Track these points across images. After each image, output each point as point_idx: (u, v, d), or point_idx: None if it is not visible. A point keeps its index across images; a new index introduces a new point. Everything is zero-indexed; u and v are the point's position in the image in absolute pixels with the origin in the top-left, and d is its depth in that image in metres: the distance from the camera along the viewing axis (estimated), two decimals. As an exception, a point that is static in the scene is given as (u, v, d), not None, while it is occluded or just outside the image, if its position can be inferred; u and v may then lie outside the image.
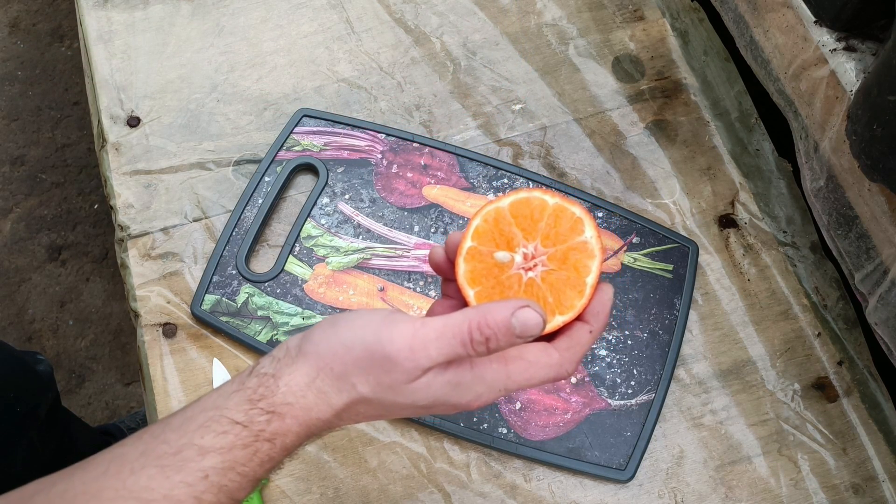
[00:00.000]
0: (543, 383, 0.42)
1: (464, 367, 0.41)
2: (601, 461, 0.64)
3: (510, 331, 0.39)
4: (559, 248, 0.44)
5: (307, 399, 0.40)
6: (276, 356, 0.41)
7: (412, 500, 0.63)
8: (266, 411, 0.39)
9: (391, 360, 0.39)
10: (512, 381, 0.41)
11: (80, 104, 1.51)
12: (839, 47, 0.60)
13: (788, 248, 0.74)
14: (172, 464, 0.38)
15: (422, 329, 0.39)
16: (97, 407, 1.29)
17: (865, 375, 0.69)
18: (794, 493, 0.64)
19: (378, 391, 0.40)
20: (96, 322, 1.35)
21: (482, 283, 0.44)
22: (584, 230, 0.44)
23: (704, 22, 0.83)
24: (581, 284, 0.43)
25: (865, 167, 0.56)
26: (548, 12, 0.83)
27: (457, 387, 0.40)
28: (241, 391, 0.40)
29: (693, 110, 0.79)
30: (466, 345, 0.39)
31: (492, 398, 0.42)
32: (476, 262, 0.44)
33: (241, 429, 0.39)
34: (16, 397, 0.77)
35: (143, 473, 0.38)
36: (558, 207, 0.44)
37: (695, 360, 0.69)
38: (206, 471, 0.38)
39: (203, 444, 0.38)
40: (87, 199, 1.44)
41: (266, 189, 0.72)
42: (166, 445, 0.39)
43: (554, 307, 0.43)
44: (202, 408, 0.40)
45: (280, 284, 0.69)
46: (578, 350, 0.42)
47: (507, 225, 0.44)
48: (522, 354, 0.42)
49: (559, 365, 0.42)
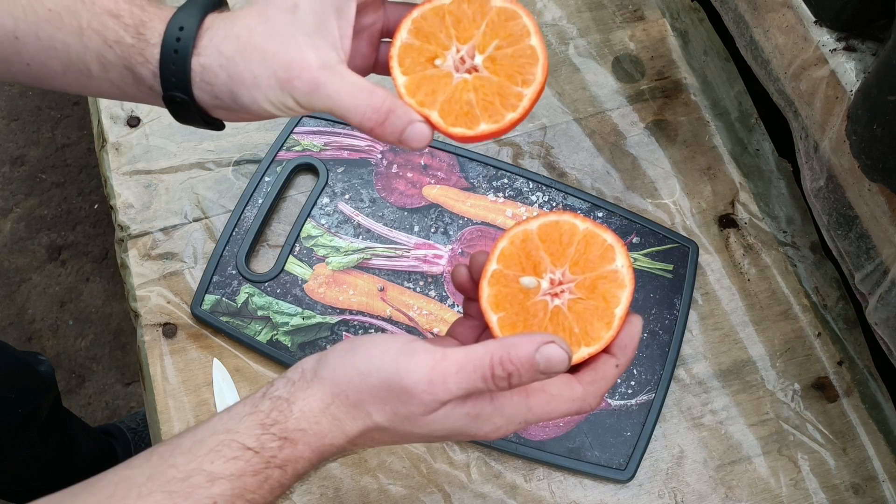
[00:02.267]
0: (565, 416, 0.41)
1: (484, 400, 0.39)
2: (601, 461, 0.64)
3: (534, 367, 0.37)
4: (588, 276, 0.42)
5: (321, 426, 0.39)
6: (290, 378, 0.40)
7: (412, 500, 0.63)
8: (279, 437, 0.38)
9: (409, 393, 0.38)
10: (532, 413, 0.40)
11: (80, 104, 1.51)
12: (839, 47, 0.60)
13: (788, 248, 0.74)
14: (180, 490, 0.37)
15: (442, 362, 0.38)
16: (97, 407, 1.29)
17: (865, 375, 0.69)
18: (794, 493, 0.64)
19: (394, 421, 0.39)
20: (96, 322, 1.35)
21: (506, 308, 0.42)
22: (616, 258, 0.42)
23: (704, 22, 0.83)
24: (609, 316, 0.41)
25: (865, 167, 0.56)
26: (548, 12, 0.83)
27: (475, 419, 0.39)
28: (254, 414, 0.39)
29: (693, 110, 0.79)
30: (487, 380, 0.38)
31: (511, 430, 0.41)
32: (501, 286, 0.42)
33: (253, 454, 0.38)
34: (17, 398, 0.77)
35: (150, 499, 0.37)
36: (589, 233, 0.42)
37: (695, 360, 0.69)
38: (215, 498, 0.37)
39: (213, 471, 0.37)
40: (87, 199, 1.44)
41: (266, 189, 0.72)
42: (174, 470, 0.38)
43: (580, 338, 0.41)
44: (213, 430, 0.39)
45: (280, 284, 0.69)
46: (603, 385, 0.41)
47: (534, 248, 0.43)
48: (545, 387, 0.40)
49: (582, 399, 0.40)
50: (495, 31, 0.43)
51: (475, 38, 0.43)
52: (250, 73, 0.41)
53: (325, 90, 0.40)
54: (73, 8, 0.43)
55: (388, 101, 0.41)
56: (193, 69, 0.42)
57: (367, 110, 0.41)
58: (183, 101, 0.44)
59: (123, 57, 0.43)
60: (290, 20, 0.41)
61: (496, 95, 0.42)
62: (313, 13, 0.41)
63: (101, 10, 0.43)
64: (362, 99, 0.40)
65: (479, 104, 0.42)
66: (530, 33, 0.43)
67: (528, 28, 0.43)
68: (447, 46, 0.43)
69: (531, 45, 0.42)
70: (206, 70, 0.42)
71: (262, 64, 0.41)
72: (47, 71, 0.45)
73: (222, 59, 0.41)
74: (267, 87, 0.41)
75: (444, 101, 0.43)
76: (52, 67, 0.45)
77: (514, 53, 0.43)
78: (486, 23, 0.43)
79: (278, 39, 0.41)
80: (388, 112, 0.41)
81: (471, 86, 0.43)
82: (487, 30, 0.43)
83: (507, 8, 0.43)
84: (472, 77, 0.43)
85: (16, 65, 0.45)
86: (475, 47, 0.43)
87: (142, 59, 0.43)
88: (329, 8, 0.41)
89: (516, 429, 0.40)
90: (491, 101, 0.42)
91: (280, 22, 0.41)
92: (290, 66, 0.40)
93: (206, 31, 0.42)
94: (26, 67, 0.45)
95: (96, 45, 0.43)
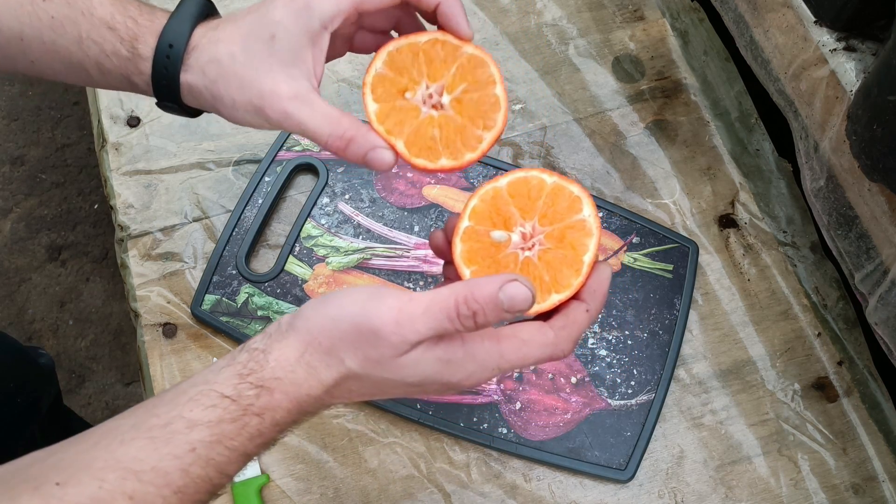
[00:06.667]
0: (538, 363, 0.42)
1: (455, 344, 0.40)
2: (601, 461, 0.64)
3: (497, 305, 0.39)
4: (556, 227, 0.43)
5: (296, 374, 0.40)
6: (267, 332, 0.42)
7: (412, 500, 0.63)
8: (255, 385, 0.40)
9: (377, 334, 0.39)
10: (505, 359, 0.41)
11: (80, 104, 1.50)
12: (839, 47, 0.60)
13: (788, 248, 0.74)
14: (161, 436, 0.39)
15: (409, 304, 0.39)
16: (97, 407, 1.29)
17: (865, 375, 0.69)
18: (794, 493, 0.64)
19: (366, 366, 0.40)
20: (96, 322, 1.35)
21: (478, 262, 0.44)
22: (583, 208, 0.43)
23: (704, 22, 0.83)
24: (578, 263, 0.42)
25: (865, 167, 0.56)
26: (548, 12, 0.83)
27: (447, 364, 0.40)
28: (232, 366, 0.41)
29: (693, 110, 0.79)
30: (453, 319, 0.39)
31: (484, 377, 0.41)
32: (473, 241, 0.44)
33: (230, 402, 0.39)
34: (16, 388, 0.77)
35: (133, 445, 0.39)
36: (556, 186, 0.44)
37: (695, 360, 0.69)
38: (194, 443, 0.39)
39: (191, 418, 0.39)
40: (87, 199, 1.44)
41: (266, 189, 0.72)
42: (156, 418, 0.39)
43: (550, 286, 0.42)
44: (193, 383, 0.41)
45: (280, 284, 0.69)
46: (575, 329, 0.42)
47: (504, 204, 0.44)
48: (516, 333, 0.41)
49: (554, 344, 0.41)
50: (464, 75, 0.46)
51: (445, 78, 0.46)
52: (230, 98, 0.47)
53: (295, 118, 0.46)
54: (73, 17, 0.47)
55: (350, 130, 0.46)
56: (182, 84, 0.48)
57: (330, 137, 0.46)
58: (175, 108, 0.50)
59: (120, 67, 0.48)
60: (268, 50, 0.46)
61: (458, 135, 0.46)
62: (289, 44, 0.46)
63: (99, 21, 0.47)
64: (327, 127, 0.46)
65: (443, 140, 0.46)
66: (496, 82, 0.46)
67: (495, 77, 0.46)
68: (418, 82, 0.47)
69: (496, 93, 0.46)
70: (192, 87, 0.48)
71: (240, 90, 0.46)
72: (51, 69, 0.50)
73: (206, 80, 0.47)
74: (244, 111, 0.47)
75: (411, 133, 0.46)
76: (55, 67, 0.50)
77: (479, 99, 0.46)
78: (457, 66, 0.46)
79: (255, 69, 0.46)
80: (350, 140, 0.46)
81: (436, 122, 0.46)
82: (457, 72, 0.46)
83: (477, 56, 0.47)
84: (437, 114, 0.46)
85: (21, 62, 0.50)
86: (444, 87, 0.47)
87: (136, 70, 0.48)
88: (304, 38, 0.46)
89: (490, 376, 0.41)
90: (453, 140, 0.46)
91: (258, 51, 0.46)
92: (262, 95, 0.46)
93: (193, 49, 0.47)
94: (31, 64, 0.50)
95: (95, 53, 0.48)
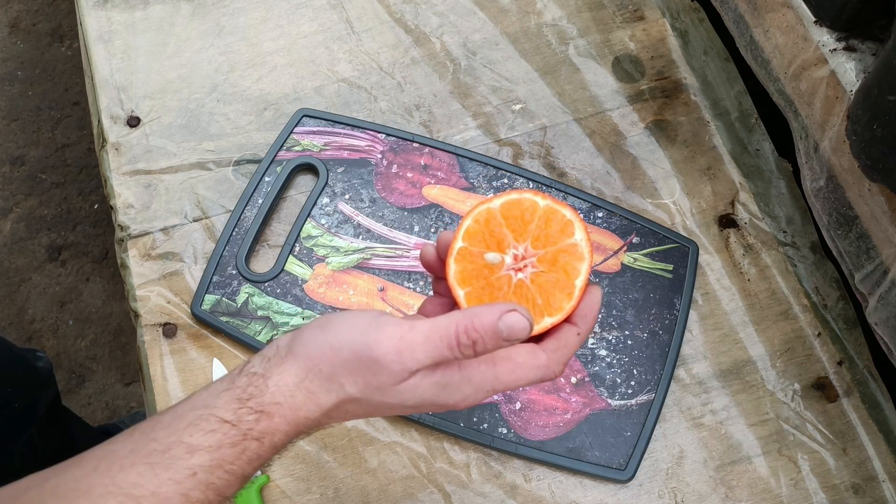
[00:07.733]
0: (531, 384, 0.43)
1: (452, 369, 0.41)
2: (601, 461, 0.64)
3: (497, 334, 0.39)
4: (549, 250, 0.44)
5: (296, 399, 0.40)
6: (266, 355, 0.42)
7: (412, 500, 0.63)
8: (255, 410, 0.40)
9: (378, 363, 0.40)
10: (500, 381, 0.42)
11: (80, 104, 1.50)
12: (839, 47, 0.60)
13: (788, 248, 0.74)
14: (161, 461, 0.39)
15: (409, 333, 0.40)
16: (97, 407, 1.29)
17: (865, 375, 0.69)
18: (794, 493, 0.64)
19: (366, 392, 0.41)
20: (96, 322, 1.35)
21: (472, 283, 0.44)
22: (574, 232, 0.44)
23: (704, 22, 0.83)
24: (570, 287, 0.43)
25: (865, 167, 0.56)
26: (548, 12, 0.83)
27: (445, 388, 0.41)
28: (231, 390, 0.41)
29: (693, 110, 0.79)
30: (453, 348, 0.39)
31: (479, 399, 0.42)
32: (466, 262, 0.44)
33: (230, 427, 0.39)
34: (13, 392, 0.77)
35: (132, 470, 0.38)
36: (549, 209, 0.44)
37: (695, 360, 0.69)
38: (194, 468, 0.39)
39: (191, 443, 0.39)
40: (87, 199, 1.44)
41: (266, 189, 0.72)
42: (155, 443, 0.39)
43: (542, 309, 0.43)
44: (192, 406, 0.41)
45: (280, 284, 0.69)
46: (566, 352, 0.43)
47: (497, 226, 0.45)
48: (511, 356, 0.42)
49: (546, 367, 0.42)
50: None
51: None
52: None
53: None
54: None
55: None
56: None
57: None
58: None
59: None
60: None
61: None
62: None
63: None
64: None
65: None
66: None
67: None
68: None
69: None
70: None
71: None
72: None
73: None
74: None
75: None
76: None
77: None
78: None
79: None
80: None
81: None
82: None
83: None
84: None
85: None
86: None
87: None
88: None
89: (484, 397, 0.42)
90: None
91: None
92: None
93: None
94: None
95: None
